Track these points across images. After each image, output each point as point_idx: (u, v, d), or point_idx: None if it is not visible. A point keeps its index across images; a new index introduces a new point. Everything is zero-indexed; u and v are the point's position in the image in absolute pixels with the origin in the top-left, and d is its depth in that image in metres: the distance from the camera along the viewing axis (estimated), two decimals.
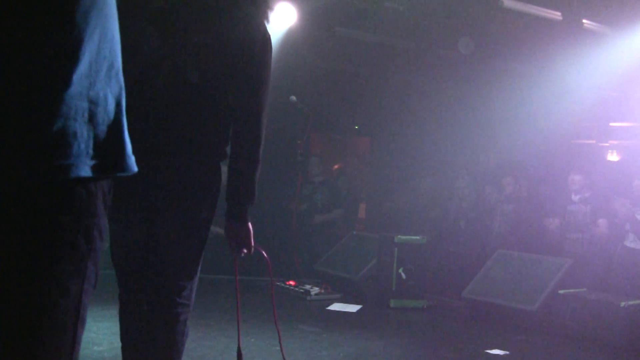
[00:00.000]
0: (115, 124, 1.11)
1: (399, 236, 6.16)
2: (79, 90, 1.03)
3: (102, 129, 1.08)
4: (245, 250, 2.71)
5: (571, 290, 5.33)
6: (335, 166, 9.89)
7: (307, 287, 6.41)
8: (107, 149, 1.08)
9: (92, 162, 1.05)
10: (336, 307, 5.93)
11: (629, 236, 6.11)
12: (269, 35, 2.35)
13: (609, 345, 4.79)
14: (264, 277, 7.07)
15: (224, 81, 2.30)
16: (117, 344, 3.31)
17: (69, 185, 1.04)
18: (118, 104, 1.13)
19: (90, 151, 1.05)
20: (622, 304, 4.85)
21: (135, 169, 1.14)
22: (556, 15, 6.61)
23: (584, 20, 6.67)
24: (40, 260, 1.02)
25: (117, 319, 2.74)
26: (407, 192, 8.43)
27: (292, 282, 6.58)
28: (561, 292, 5.28)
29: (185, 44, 2.22)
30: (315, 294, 6.24)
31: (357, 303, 6.06)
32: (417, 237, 6.22)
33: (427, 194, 8.24)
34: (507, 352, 4.58)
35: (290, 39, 7.44)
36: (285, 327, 4.96)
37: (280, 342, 2.85)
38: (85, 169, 1.03)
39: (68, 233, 1.04)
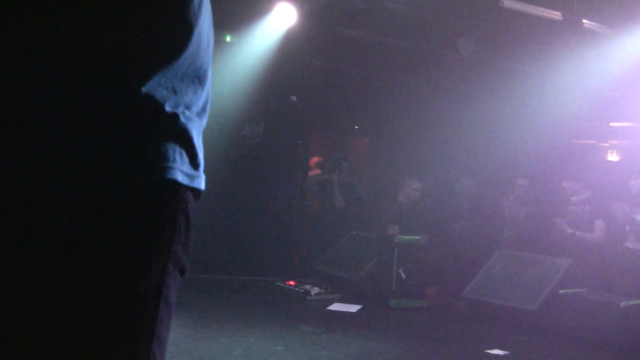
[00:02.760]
0: (196, 144, 1.25)
1: (399, 236, 6.16)
2: (176, 99, 1.18)
3: (198, 151, 1.24)
4: None
5: (571, 290, 5.32)
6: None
7: (307, 287, 6.41)
8: (193, 165, 1.24)
9: (183, 172, 1.20)
10: (336, 307, 5.93)
11: (629, 237, 6.10)
12: None
13: (609, 345, 4.79)
14: (264, 277, 7.08)
15: None
16: None
17: (175, 186, 1.19)
18: (201, 124, 1.27)
19: (182, 161, 1.20)
20: (622, 304, 4.85)
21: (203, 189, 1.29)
22: (556, 15, 6.61)
23: (584, 20, 6.68)
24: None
25: None
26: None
27: (292, 282, 6.58)
28: (561, 292, 5.28)
29: None
30: (315, 294, 6.24)
31: (357, 303, 6.06)
32: (417, 237, 6.22)
33: (427, 193, 8.23)
34: (507, 352, 4.58)
35: (290, 39, 7.44)
36: (285, 327, 4.97)
37: None
38: (178, 175, 1.18)
39: (160, 217, 1.18)
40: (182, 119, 1.19)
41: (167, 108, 1.16)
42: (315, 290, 6.32)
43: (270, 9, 7.14)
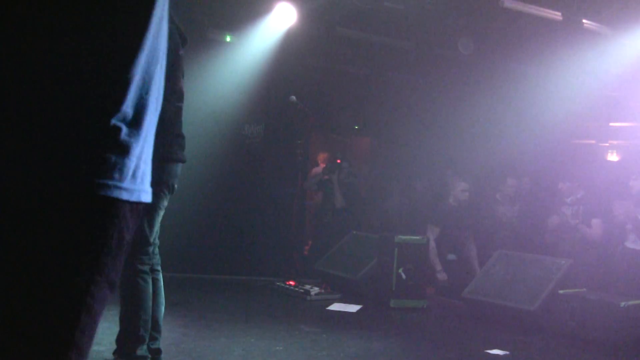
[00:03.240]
0: (142, 157, 1.26)
1: (399, 236, 6.15)
2: (126, 116, 1.17)
3: (133, 160, 1.23)
4: None
5: (571, 290, 5.32)
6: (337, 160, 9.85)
7: (307, 287, 6.41)
8: (134, 179, 1.24)
9: (122, 188, 1.20)
10: (336, 307, 5.93)
11: (630, 237, 6.10)
12: None
13: (609, 345, 4.79)
14: (264, 277, 7.08)
15: None
16: None
17: (111, 201, 1.18)
18: (146, 139, 1.27)
19: (123, 177, 1.20)
20: (622, 304, 4.85)
21: (149, 202, 1.29)
22: (556, 15, 6.62)
23: (584, 20, 6.68)
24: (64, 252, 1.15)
25: (117, 318, 2.83)
26: (407, 192, 8.43)
27: (292, 282, 6.58)
28: (561, 292, 5.28)
29: None
30: (315, 294, 6.24)
31: (357, 303, 6.05)
32: (417, 237, 6.22)
33: (427, 193, 8.24)
34: (507, 352, 4.58)
35: (290, 39, 7.44)
36: (285, 327, 4.97)
37: None
38: (114, 192, 1.18)
39: (91, 229, 1.18)
40: (124, 132, 1.18)
41: (112, 121, 1.16)
42: (315, 290, 6.32)
43: (270, 9, 7.14)
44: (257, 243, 7.71)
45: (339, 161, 8.30)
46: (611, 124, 10.89)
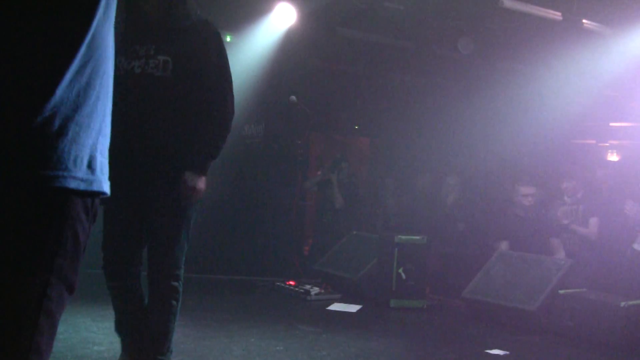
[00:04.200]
0: (98, 149, 1.26)
1: (399, 236, 6.15)
2: (64, 111, 1.17)
3: (87, 151, 1.23)
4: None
5: (571, 290, 5.32)
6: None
7: (307, 287, 6.41)
8: (91, 170, 1.24)
9: (77, 178, 1.20)
10: (336, 307, 5.93)
11: (638, 239, 6.03)
12: (221, 39, 3.15)
13: (609, 345, 4.79)
14: (264, 277, 7.08)
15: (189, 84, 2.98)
16: (117, 344, 3.31)
17: (55, 192, 1.17)
18: (100, 132, 1.27)
19: (77, 168, 1.19)
20: (622, 304, 4.85)
21: (108, 193, 1.29)
22: (556, 15, 6.62)
23: (584, 20, 6.68)
24: (12, 250, 1.14)
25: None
26: (407, 192, 8.43)
27: (292, 282, 6.58)
28: (561, 292, 5.28)
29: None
30: (315, 294, 6.24)
31: (357, 303, 6.05)
32: (417, 237, 6.21)
33: (427, 193, 8.23)
34: (507, 352, 4.58)
35: (290, 39, 7.44)
36: (285, 327, 4.97)
37: None
38: (69, 182, 1.18)
39: (45, 229, 1.17)
40: (75, 122, 1.19)
41: (63, 110, 1.17)
42: (315, 290, 6.32)
43: (270, 9, 7.14)
44: (257, 243, 7.71)
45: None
46: (611, 124, 10.89)
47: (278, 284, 6.62)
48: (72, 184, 1.18)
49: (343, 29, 7.53)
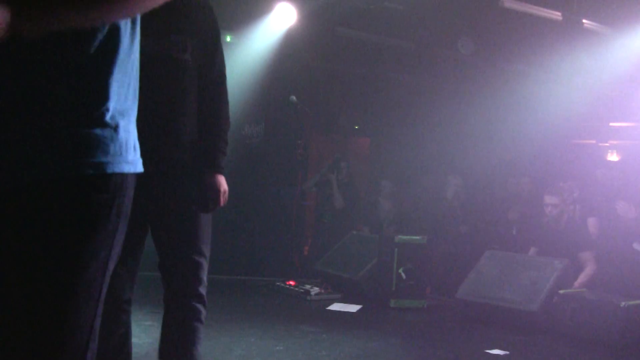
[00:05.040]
0: (133, 134, 1.39)
1: (399, 236, 6.15)
2: (113, 105, 1.30)
3: (127, 136, 1.35)
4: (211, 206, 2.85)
5: (571, 290, 5.32)
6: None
7: (307, 287, 6.41)
8: (132, 151, 1.37)
9: (123, 161, 1.32)
10: (336, 307, 5.93)
11: (638, 238, 6.01)
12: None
13: (609, 345, 4.79)
14: (264, 277, 7.08)
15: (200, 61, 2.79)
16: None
17: (107, 175, 1.29)
18: (132, 120, 1.40)
19: (123, 152, 1.32)
20: (622, 304, 4.85)
21: (142, 169, 1.42)
22: (556, 15, 6.63)
23: (584, 20, 6.69)
24: (78, 229, 1.24)
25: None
26: (407, 193, 8.43)
27: (292, 282, 6.58)
28: (561, 292, 5.28)
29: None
30: (315, 294, 6.24)
31: (357, 303, 6.06)
32: (417, 237, 6.22)
33: (430, 192, 8.23)
34: (507, 352, 4.58)
35: (290, 39, 7.45)
36: (285, 327, 4.97)
37: None
38: (119, 167, 1.30)
39: (104, 208, 1.28)
40: (113, 110, 1.29)
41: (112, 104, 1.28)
42: (315, 290, 6.32)
43: (270, 9, 7.14)
44: (257, 243, 7.71)
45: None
46: (611, 124, 10.89)
47: (278, 284, 6.62)
48: (126, 168, 1.31)
49: (343, 29, 7.53)
